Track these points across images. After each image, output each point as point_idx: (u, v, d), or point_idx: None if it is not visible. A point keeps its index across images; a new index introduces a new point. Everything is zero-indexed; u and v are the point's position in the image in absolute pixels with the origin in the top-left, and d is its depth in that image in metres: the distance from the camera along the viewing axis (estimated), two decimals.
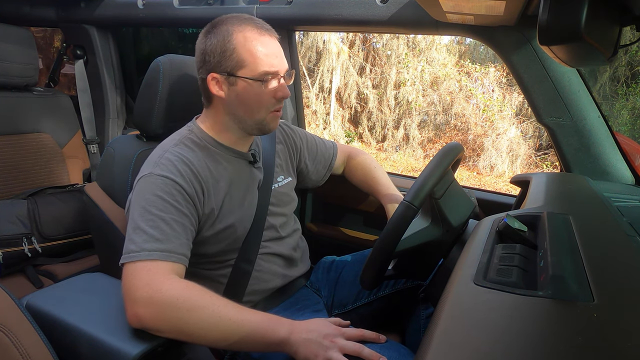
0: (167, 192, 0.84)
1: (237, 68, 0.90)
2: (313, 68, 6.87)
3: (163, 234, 0.80)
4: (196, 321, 0.73)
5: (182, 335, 0.74)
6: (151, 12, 1.66)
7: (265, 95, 0.92)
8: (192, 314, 0.73)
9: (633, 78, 5.42)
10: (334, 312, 1.16)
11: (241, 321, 0.75)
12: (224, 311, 0.75)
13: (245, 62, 0.90)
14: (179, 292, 0.74)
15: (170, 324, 0.73)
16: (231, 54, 0.90)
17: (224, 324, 0.74)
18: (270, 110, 0.95)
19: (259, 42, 0.90)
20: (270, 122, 0.96)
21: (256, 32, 0.91)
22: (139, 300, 0.72)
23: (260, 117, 0.95)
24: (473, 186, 2.04)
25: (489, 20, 1.06)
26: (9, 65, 1.55)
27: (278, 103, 0.95)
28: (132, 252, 0.77)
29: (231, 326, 0.75)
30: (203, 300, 0.75)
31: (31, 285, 1.41)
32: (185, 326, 0.73)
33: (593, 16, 0.55)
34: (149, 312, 0.72)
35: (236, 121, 0.96)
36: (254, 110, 0.94)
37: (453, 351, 0.44)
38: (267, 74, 0.91)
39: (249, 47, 0.90)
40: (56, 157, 1.72)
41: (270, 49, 0.92)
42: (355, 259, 1.22)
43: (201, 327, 0.74)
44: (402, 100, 6.67)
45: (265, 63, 0.90)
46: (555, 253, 0.57)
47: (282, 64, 0.94)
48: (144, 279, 0.75)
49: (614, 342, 0.43)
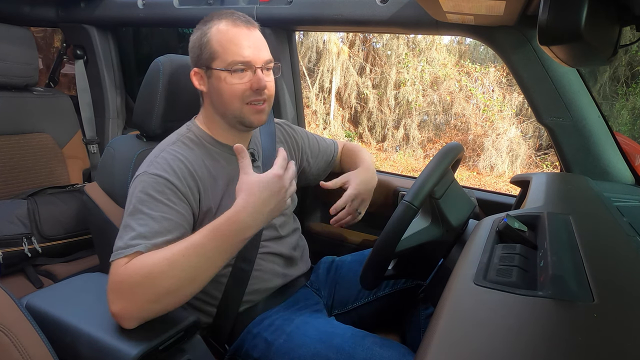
0: (158, 190, 0.84)
1: (210, 60, 0.92)
2: (313, 68, 6.87)
3: (150, 231, 0.79)
4: (161, 280, 0.72)
5: (167, 299, 0.73)
6: (151, 12, 1.66)
7: (237, 87, 0.91)
8: (152, 277, 0.72)
9: (633, 78, 5.42)
10: (334, 312, 1.16)
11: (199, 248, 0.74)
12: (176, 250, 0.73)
13: (217, 54, 0.91)
14: (130, 270, 0.73)
15: (144, 299, 0.71)
16: (205, 47, 0.92)
17: (184, 260, 0.73)
18: (246, 102, 0.93)
19: (231, 33, 0.91)
20: (248, 115, 0.94)
21: (230, 25, 0.91)
22: (112, 299, 0.72)
23: (235, 108, 0.93)
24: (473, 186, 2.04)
25: (489, 20, 1.06)
26: (9, 65, 1.55)
27: (254, 95, 0.92)
28: (119, 249, 0.77)
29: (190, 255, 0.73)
30: (152, 259, 0.73)
31: (31, 285, 1.41)
32: (159, 290, 0.72)
33: (593, 16, 0.55)
34: (120, 305, 0.71)
35: (220, 115, 0.97)
36: (228, 102, 0.93)
37: (453, 351, 0.44)
38: (236, 64, 0.90)
39: (219, 39, 0.91)
40: (56, 157, 1.72)
41: (242, 40, 0.91)
42: (355, 259, 1.22)
43: (170, 279, 0.72)
44: (402, 100, 6.67)
45: (235, 53, 0.90)
46: (555, 253, 0.57)
47: (257, 54, 0.92)
48: (113, 275, 0.74)
49: (614, 342, 0.43)
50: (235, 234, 0.75)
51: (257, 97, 0.93)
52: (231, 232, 0.75)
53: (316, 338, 0.90)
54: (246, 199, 0.76)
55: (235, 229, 0.75)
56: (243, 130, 1.00)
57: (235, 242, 0.76)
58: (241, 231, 0.76)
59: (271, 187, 0.77)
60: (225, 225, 0.75)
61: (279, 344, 0.92)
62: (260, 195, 0.76)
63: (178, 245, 0.75)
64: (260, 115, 0.96)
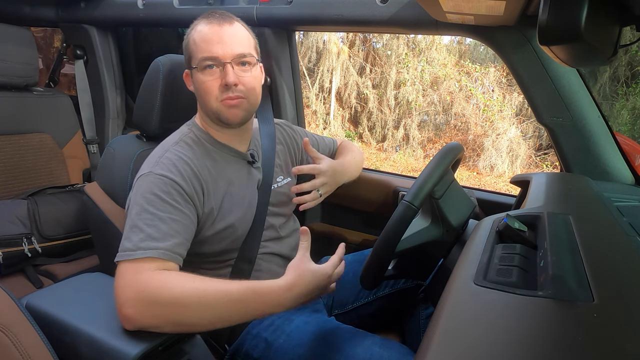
0: (165, 191, 0.84)
1: (189, 60, 0.94)
2: (313, 68, 6.87)
3: (160, 233, 0.79)
4: (185, 310, 0.72)
5: (179, 327, 0.73)
6: (151, 12, 1.66)
7: (208, 84, 0.91)
8: (178, 305, 0.72)
9: (633, 78, 5.42)
10: (334, 312, 1.16)
11: (233, 301, 0.74)
12: (211, 291, 0.74)
13: (192, 53, 0.93)
14: (160, 287, 0.73)
15: (160, 319, 0.72)
16: (186, 49, 0.95)
17: (214, 304, 0.73)
18: (220, 99, 0.92)
19: (204, 32, 0.92)
20: (224, 111, 0.93)
21: (205, 24, 0.92)
22: (127, 302, 0.72)
23: (212, 106, 0.93)
24: (473, 186, 2.04)
25: (489, 20, 1.06)
26: (9, 65, 1.55)
27: (226, 91, 0.91)
28: (128, 251, 0.77)
29: (222, 303, 0.74)
30: (185, 287, 0.74)
31: (31, 285, 1.41)
32: (177, 318, 0.72)
33: (593, 16, 0.55)
34: (136, 312, 0.71)
35: (204, 113, 0.98)
36: (204, 100, 0.94)
37: (453, 351, 0.44)
38: (204, 60, 0.90)
39: (195, 39, 0.93)
40: (56, 157, 1.72)
41: (212, 36, 0.91)
42: (355, 259, 1.22)
43: (192, 314, 0.73)
44: (402, 100, 6.67)
45: (204, 49, 0.91)
46: (555, 253, 0.57)
47: (226, 50, 0.90)
48: (131, 279, 0.74)
49: (614, 342, 0.43)
50: (270, 305, 0.76)
51: (229, 94, 0.92)
52: (268, 302, 0.76)
53: (316, 338, 0.91)
54: (295, 281, 0.78)
55: (274, 301, 0.76)
56: (225, 127, 0.98)
57: (266, 311, 0.78)
58: (276, 306, 0.77)
59: (318, 282, 0.79)
60: (267, 293, 0.76)
61: (279, 344, 0.92)
62: (307, 285, 0.78)
63: (214, 285, 0.75)
64: (234, 111, 0.94)
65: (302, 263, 0.80)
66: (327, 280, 0.81)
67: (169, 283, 0.74)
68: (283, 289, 0.77)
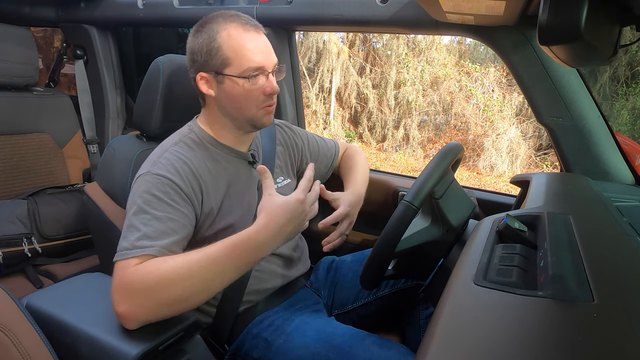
0: (163, 191, 0.84)
1: (223, 66, 0.91)
2: (313, 68, 6.87)
3: (156, 232, 0.79)
4: (173, 287, 0.72)
5: (176, 307, 0.74)
6: (151, 12, 1.66)
7: (253, 92, 0.92)
8: (164, 284, 0.72)
9: (633, 78, 5.42)
10: (334, 312, 1.16)
11: (215, 261, 0.74)
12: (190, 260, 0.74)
13: (230, 60, 0.90)
14: (142, 274, 0.73)
15: (152, 305, 0.72)
16: (217, 53, 0.90)
17: (197, 271, 0.73)
18: (261, 107, 0.94)
19: (243, 38, 0.90)
20: (262, 117, 0.96)
21: (240, 29, 0.91)
22: (119, 300, 0.72)
23: (251, 113, 0.94)
24: (473, 186, 2.04)
25: (489, 20, 1.06)
26: (9, 65, 1.55)
27: (268, 99, 0.94)
28: (125, 250, 0.77)
29: (205, 267, 0.74)
30: (166, 265, 0.73)
31: (31, 285, 1.41)
32: (169, 297, 0.72)
33: (593, 16, 0.55)
34: (127, 307, 0.71)
35: (229, 118, 0.97)
36: (243, 108, 0.94)
37: (453, 351, 0.44)
38: (252, 70, 0.90)
39: (232, 45, 0.90)
40: (56, 157, 1.72)
41: (254, 45, 0.91)
42: (355, 259, 1.22)
43: (182, 288, 0.72)
44: (402, 100, 6.67)
45: (250, 59, 0.90)
46: (555, 253, 0.57)
47: (269, 59, 0.93)
48: (119, 276, 0.74)
49: (614, 342, 0.43)
50: (251, 253, 0.76)
51: (270, 101, 0.95)
52: (248, 250, 0.76)
53: (316, 338, 0.91)
54: (266, 220, 0.77)
55: (253, 247, 0.76)
56: (250, 131, 1.01)
57: (250, 260, 0.77)
58: (258, 250, 0.77)
59: (292, 211, 0.78)
60: (243, 243, 0.76)
61: (279, 344, 0.92)
62: (280, 218, 0.77)
63: (194, 255, 0.75)
64: (270, 116, 0.98)
65: (269, 200, 0.79)
66: (300, 205, 0.79)
67: (150, 267, 0.74)
68: (257, 230, 0.76)
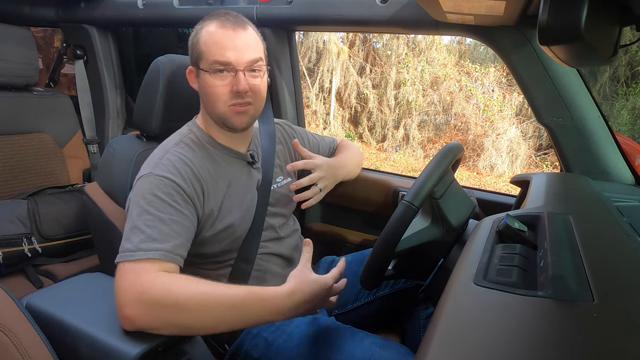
0: (166, 192, 0.84)
1: (198, 59, 0.93)
2: (313, 68, 6.87)
3: (161, 234, 0.79)
4: (187, 314, 0.72)
5: (179, 330, 0.73)
6: (151, 12, 1.66)
7: (219, 88, 0.91)
8: (180, 308, 0.72)
9: (633, 78, 5.42)
10: (334, 312, 1.16)
11: (235, 305, 0.74)
12: (213, 295, 0.74)
13: (203, 54, 0.92)
14: (163, 289, 0.73)
15: (161, 321, 0.72)
16: (195, 46, 0.94)
17: (216, 308, 0.73)
18: (228, 104, 0.93)
19: (217, 34, 0.91)
20: (230, 117, 0.94)
21: (218, 26, 0.91)
22: (127, 303, 0.71)
23: (219, 110, 0.94)
24: (473, 186, 2.04)
25: (489, 20, 1.06)
26: (9, 65, 1.55)
27: (236, 97, 0.92)
28: (128, 251, 0.77)
29: (224, 307, 0.74)
30: (188, 290, 0.74)
31: (31, 285, 1.41)
32: (178, 321, 0.72)
33: (593, 16, 0.55)
34: (137, 313, 0.71)
35: (208, 114, 0.98)
36: (211, 103, 0.94)
37: (453, 351, 0.44)
38: (218, 64, 0.90)
39: (206, 39, 0.92)
40: (56, 157, 1.72)
41: (225, 41, 0.90)
42: (355, 259, 1.21)
43: (194, 318, 0.73)
44: (402, 100, 6.67)
45: (217, 53, 0.90)
46: (555, 253, 0.57)
47: (240, 56, 0.91)
48: (132, 279, 0.74)
49: (614, 342, 0.43)
50: (270, 312, 0.76)
51: (238, 100, 0.93)
52: (269, 308, 0.76)
53: (316, 338, 0.91)
54: (295, 288, 0.78)
55: (274, 307, 0.76)
56: (228, 131, 0.99)
57: (264, 318, 0.78)
58: (276, 313, 0.77)
59: (318, 291, 0.79)
60: (268, 299, 0.76)
61: (279, 344, 0.92)
62: (307, 293, 0.78)
63: (217, 289, 0.75)
64: (241, 117, 0.95)
65: (303, 272, 0.81)
66: (327, 291, 0.81)
67: (173, 286, 0.74)
68: (284, 295, 0.77)
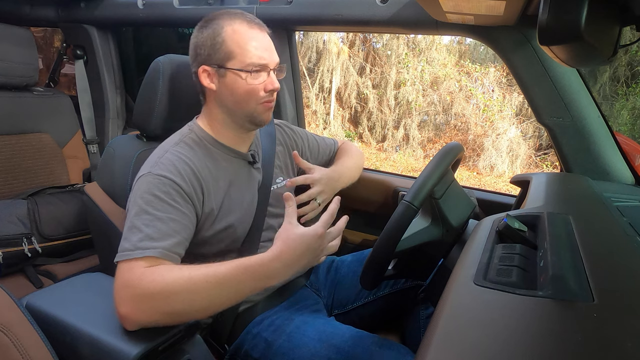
0: (164, 191, 0.84)
1: (226, 60, 0.92)
2: (313, 68, 6.87)
3: (159, 233, 0.79)
4: (176, 297, 0.71)
5: (173, 318, 0.73)
6: (151, 12, 1.66)
7: (254, 87, 0.93)
8: (169, 294, 0.71)
9: (633, 78, 5.42)
10: (334, 312, 1.16)
11: (223, 280, 0.73)
12: (199, 275, 0.73)
13: (233, 54, 0.91)
14: (148, 280, 0.72)
15: (153, 311, 0.71)
16: (220, 46, 0.92)
17: (204, 287, 0.72)
18: (260, 102, 0.95)
19: (248, 34, 0.92)
20: (261, 113, 0.96)
21: (245, 25, 0.92)
22: (121, 301, 0.71)
23: (250, 108, 0.95)
24: (473, 186, 2.04)
25: (489, 20, 1.06)
26: (9, 65, 1.55)
27: (268, 95, 0.95)
28: (126, 251, 0.77)
29: (212, 285, 0.73)
30: (172, 275, 0.73)
31: (31, 285, 1.41)
32: (170, 307, 0.72)
33: (593, 16, 0.55)
34: (130, 309, 0.71)
35: (228, 114, 0.97)
36: (243, 102, 0.94)
37: (453, 351, 0.44)
38: (255, 66, 0.91)
39: (237, 40, 0.91)
40: (56, 157, 1.72)
41: (258, 42, 0.93)
42: (355, 259, 1.22)
43: (184, 302, 0.72)
44: (402, 100, 6.67)
45: (253, 55, 0.91)
46: (555, 253, 0.57)
47: (272, 57, 0.94)
48: (126, 277, 0.74)
49: (613, 342, 0.43)
50: (261, 278, 0.75)
51: (270, 98, 0.96)
52: (258, 275, 0.74)
53: (316, 338, 0.91)
54: (281, 249, 0.75)
55: (264, 273, 0.75)
56: (249, 130, 1.01)
57: (256, 287, 0.76)
58: (268, 277, 0.75)
59: (309, 244, 0.76)
60: (254, 268, 0.74)
61: (279, 344, 0.92)
62: (296, 249, 0.75)
63: (202, 269, 0.74)
64: (269, 113, 0.99)
65: (288, 229, 0.77)
66: (318, 240, 0.76)
67: (156, 275, 0.73)
68: (271, 258, 0.74)
